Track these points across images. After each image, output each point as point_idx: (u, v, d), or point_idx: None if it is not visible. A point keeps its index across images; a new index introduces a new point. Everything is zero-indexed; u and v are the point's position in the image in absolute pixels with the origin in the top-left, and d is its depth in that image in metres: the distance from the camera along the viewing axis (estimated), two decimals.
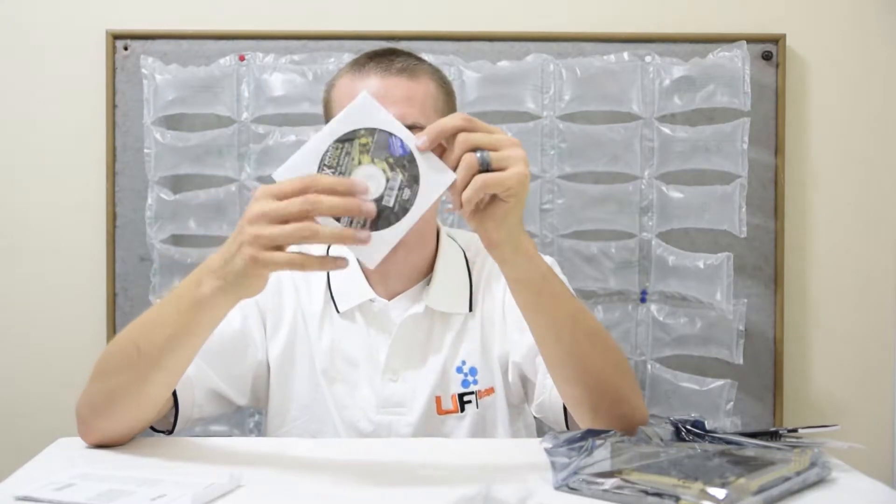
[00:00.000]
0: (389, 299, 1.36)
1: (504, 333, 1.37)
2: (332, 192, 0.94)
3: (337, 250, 1.16)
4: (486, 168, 0.98)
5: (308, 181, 0.95)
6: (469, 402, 1.35)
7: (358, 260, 1.34)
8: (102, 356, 1.16)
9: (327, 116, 1.36)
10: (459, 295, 1.38)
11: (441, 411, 1.34)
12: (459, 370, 1.36)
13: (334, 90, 1.34)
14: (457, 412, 1.34)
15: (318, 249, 1.26)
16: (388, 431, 1.32)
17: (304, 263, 0.97)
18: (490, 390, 1.36)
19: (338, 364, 1.35)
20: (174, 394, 1.21)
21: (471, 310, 1.37)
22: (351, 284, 1.36)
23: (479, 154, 0.98)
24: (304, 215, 0.94)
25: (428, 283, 1.37)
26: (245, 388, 1.35)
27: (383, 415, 1.33)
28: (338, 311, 1.36)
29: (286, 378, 1.36)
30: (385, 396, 1.33)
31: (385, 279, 1.36)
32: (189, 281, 1.05)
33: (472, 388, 1.35)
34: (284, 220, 0.95)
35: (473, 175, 0.98)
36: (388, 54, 1.31)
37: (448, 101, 1.34)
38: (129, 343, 1.10)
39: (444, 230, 1.43)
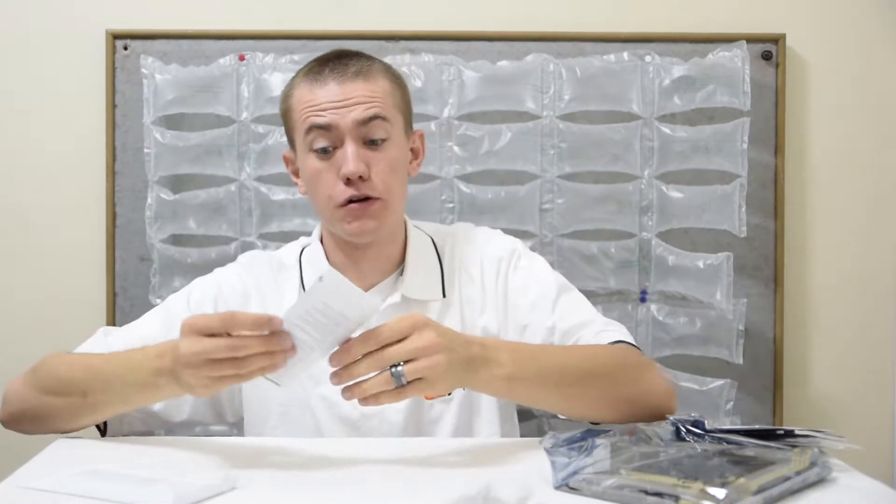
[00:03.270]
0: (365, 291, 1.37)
1: (484, 309, 1.40)
2: (254, 327, 1.03)
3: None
4: (400, 384, 1.05)
5: (228, 318, 1.04)
6: None
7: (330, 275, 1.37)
8: (46, 368, 1.27)
9: (287, 125, 1.39)
10: (432, 282, 1.41)
11: (429, 396, 1.35)
12: None
13: (292, 99, 1.37)
14: (444, 395, 1.35)
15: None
16: (380, 420, 1.33)
17: (245, 376, 1.05)
18: None
19: None
20: None
21: (444, 296, 1.40)
22: None
23: (392, 370, 1.05)
24: (229, 365, 1.04)
25: (401, 274, 1.40)
26: (184, 406, 1.35)
27: None
28: None
29: (257, 391, 1.36)
30: None
31: (357, 275, 1.37)
32: (149, 364, 1.14)
33: None
34: (213, 362, 1.04)
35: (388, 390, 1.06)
36: (341, 57, 1.35)
37: (404, 96, 1.40)
38: (78, 384, 1.21)
39: (410, 222, 1.47)
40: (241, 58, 2.00)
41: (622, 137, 2.00)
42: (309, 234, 1.52)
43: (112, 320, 2.02)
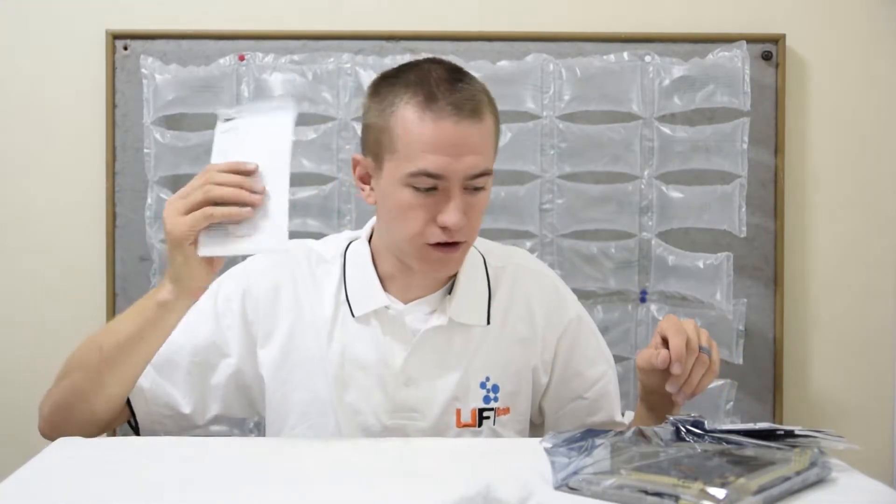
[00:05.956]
0: (405, 303, 1.34)
1: (534, 352, 1.37)
2: (225, 177, 1.11)
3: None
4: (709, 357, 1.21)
5: (205, 175, 1.12)
6: (487, 418, 1.34)
7: (376, 266, 1.35)
8: (68, 359, 1.27)
9: (379, 139, 1.25)
10: (479, 307, 1.36)
11: (460, 424, 1.33)
12: (483, 386, 1.34)
13: (397, 119, 1.23)
14: (474, 426, 1.33)
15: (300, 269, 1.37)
16: (401, 436, 1.31)
17: (211, 214, 1.11)
18: (506, 410, 1.36)
19: (349, 369, 1.32)
20: (129, 404, 1.30)
21: (488, 322, 1.35)
22: (367, 289, 1.34)
23: (701, 350, 1.20)
24: (204, 203, 1.11)
25: (449, 292, 1.34)
26: (215, 401, 1.34)
27: (396, 419, 1.31)
28: (353, 315, 1.33)
29: (283, 387, 1.34)
30: (399, 401, 1.31)
31: (404, 286, 1.34)
32: (149, 293, 1.20)
33: (493, 405, 1.35)
34: (189, 211, 1.11)
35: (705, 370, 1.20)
36: (453, 82, 1.24)
37: (498, 127, 1.31)
38: (93, 344, 1.23)
39: None
40: (241, 58, 2.00)
41: (622, 137, 2.00)
42: (315, 236, 1.49)
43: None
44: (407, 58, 1.97)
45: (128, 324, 1.21)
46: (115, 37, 2.02)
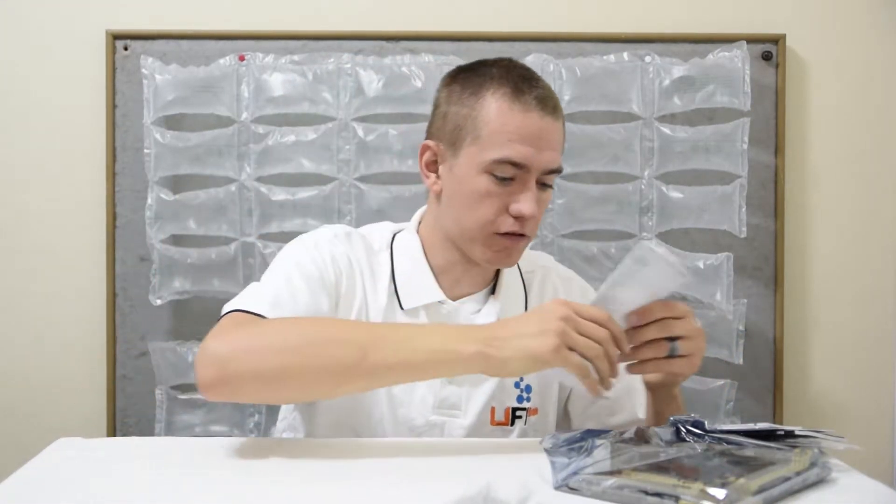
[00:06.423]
0: (453, 300, 1.35)
1: None
2: (617, 340, 1.10)
3: None
4: (672, 354, 1.15)
5: (608, 319, 1.09)
6: (520, 417, 1.36)
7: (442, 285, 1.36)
8: (303, 333, 1.15)
9: (460, 126, 1.28)
10: (518, 307, 1.38)
11: (494, 422, 1.34)
12: (517, 385, 1.36)
13: (484, 108, 1.27)
14: (507, 425, 1.35)
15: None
16: (441, 432, 1.32)
17: (586, 375, 1.08)
18: (535, 410, 1.37)
19: None
20: None
21: None
22: (419, 282, 1.34)
23: (671, 344, 1.15)
24: (598, 342, 1.08)
25: (492, 292, 1.37)
26: None
27: (438, 415, 1.32)
28: (402, 308, 1.34)
29: None
30: (442, 397, 1.33)
31: (456, 283, 1.35)
32: (447, 331, 1.15)
33: (525, 404, 1.36)
34: (583, 335, 1.08)
35: (659, 357, 1.15)
36: (534, 80, 1.29)
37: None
38: (353, 344, 1.13)
39: None
40: (241, 58, 2.00)
41: (622, 137, 2.00)
42: None
43: (112, 320, 2.02)
44: (407, 58, 1.99)
45: (411, 350, 1.12)
46: (115, 37, 2.03)
